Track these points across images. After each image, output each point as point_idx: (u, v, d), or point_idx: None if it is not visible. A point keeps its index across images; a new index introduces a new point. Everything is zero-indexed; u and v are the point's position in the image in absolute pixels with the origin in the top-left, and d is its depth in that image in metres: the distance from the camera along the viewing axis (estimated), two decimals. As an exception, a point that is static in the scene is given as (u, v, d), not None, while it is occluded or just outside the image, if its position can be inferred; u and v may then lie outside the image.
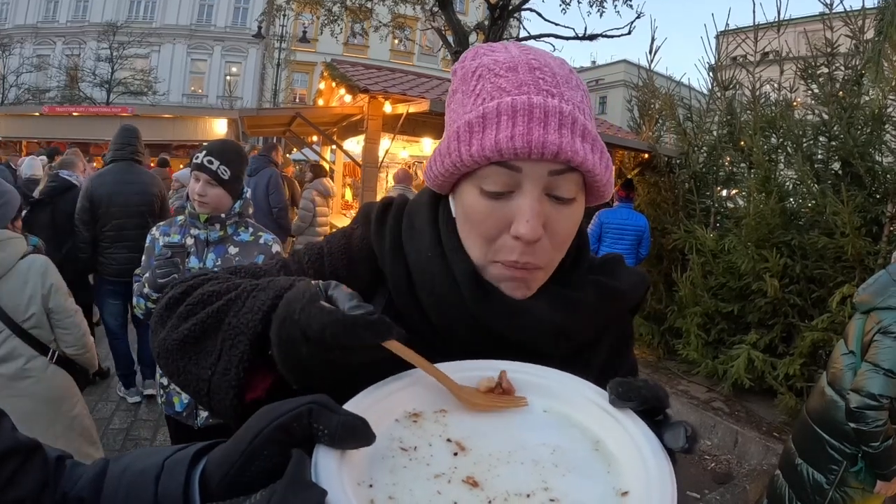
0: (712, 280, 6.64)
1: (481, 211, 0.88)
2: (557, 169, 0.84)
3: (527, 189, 0.85)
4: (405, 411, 0.70)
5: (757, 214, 6.04)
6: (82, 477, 0.66)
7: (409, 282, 0.95)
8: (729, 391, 6.12)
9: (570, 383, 0.76)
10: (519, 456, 0.65)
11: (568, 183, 0.86)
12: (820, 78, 6.36)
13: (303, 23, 29.28)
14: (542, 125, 0.82)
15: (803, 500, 3.25)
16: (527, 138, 0.81)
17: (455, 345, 0.90)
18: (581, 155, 0.83)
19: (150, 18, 35.50)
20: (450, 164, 0.88)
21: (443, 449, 0.65)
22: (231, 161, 2.95)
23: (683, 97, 8.80)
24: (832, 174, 6.12)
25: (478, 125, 0.85)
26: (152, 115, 22.76)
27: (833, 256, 5.59)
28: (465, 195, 0.90)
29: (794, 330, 5.90)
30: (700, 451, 5.51)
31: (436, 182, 0.95)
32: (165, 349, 0.87)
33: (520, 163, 0.83)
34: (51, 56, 34.24)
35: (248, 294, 0.84)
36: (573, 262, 1.01)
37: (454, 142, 0.88)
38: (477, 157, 0.84)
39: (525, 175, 0.84)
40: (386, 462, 0.62)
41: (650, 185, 8.42)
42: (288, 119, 9.93)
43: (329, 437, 0.56)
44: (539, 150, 0.81)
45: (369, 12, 13.57)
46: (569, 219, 0.90)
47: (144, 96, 32.75)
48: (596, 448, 0.67)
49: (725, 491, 4.62)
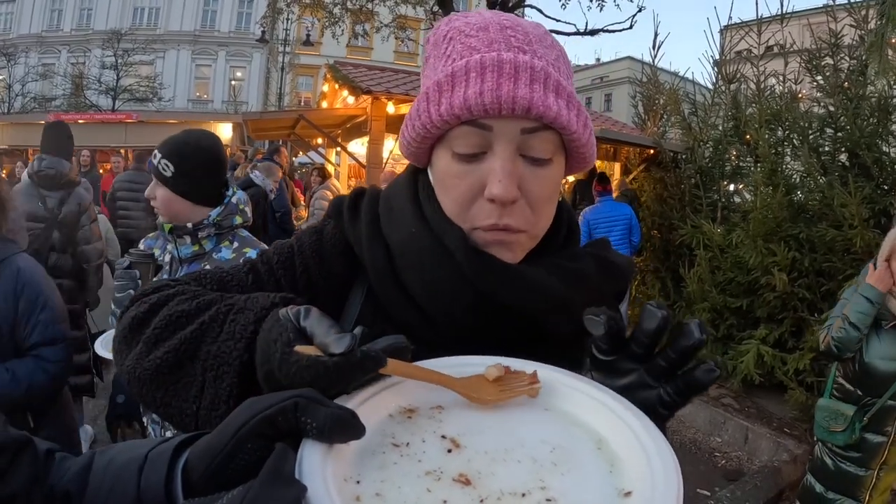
0: (720, 275, 6.60)
1: (454, 175, 0.86)
2: (530, 127, 0.82)
3: (498, 149, 0.82)
4: (399, 406, 0.68)
5: (764, 208, 6.00)
6: (69, 470, 0.65)
7: (390, 267, 0.90)
8: (738, 387, 6.09)
9: (575, 382, 0.74)
10: (516, 454, 0.63)
11: (543, 142, 0.84)
12: (825, 69, 6.33)
13: (306, 26, 29.39)
14: (513, 80, 0.80)
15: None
16: (496, 94, 0.79)
17: (445, 332, 0.88)
18: (554, 111, 0.81)
19: (154, 25, 35.79)
20: (420, 128, 0.86)
21: (436, 445, 0.63)
22: (178, 155, 2.36)
23: (688, 92, 8.78)
24: (839, 166, 6.09)
25: (447, 84, 0.83)
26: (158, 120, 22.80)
27: (841, 249, 5.55)
28: (439, 161, 0.89)
29: (803, 324, 5.85)
30: (710, 448, 5.49)
31: (409, 149, 0.93)
32: (137, 378, 0.80)
33: (490, 121, 0.81)
34: (56, 64, 34.57)
35: (224, 317, 0.79)
36: (566, 238, 0.99)
37: (423, 103, 0.86)
38: (446, 117, 0.82)
39: (496, 134, 0.82)
40: (376, 458, 0.60)
41: (656, 180, 8.40)
42: (292, 122, 9.98)
43: (317, 430, 0.55)
44: (509, 105, 0.79)
45: (371, 14, 13.57)
46: (546, 180, 0.86)
47: (150, 102, 32.99)
48: (599, 447, 0.65)
49: (736, 488, 4.58)
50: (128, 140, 18.35)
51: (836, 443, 3.41)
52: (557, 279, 0.89)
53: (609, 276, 0.98)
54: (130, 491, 0.60)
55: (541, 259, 0.92)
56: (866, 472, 3.39)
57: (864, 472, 3.39)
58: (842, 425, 3.34)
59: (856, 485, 3.42)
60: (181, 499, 0.59)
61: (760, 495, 4.53)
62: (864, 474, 3.39)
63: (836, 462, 3.46)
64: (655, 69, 9.04)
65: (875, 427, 3.33)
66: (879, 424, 3.32)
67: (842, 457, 3.44)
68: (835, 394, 3.49)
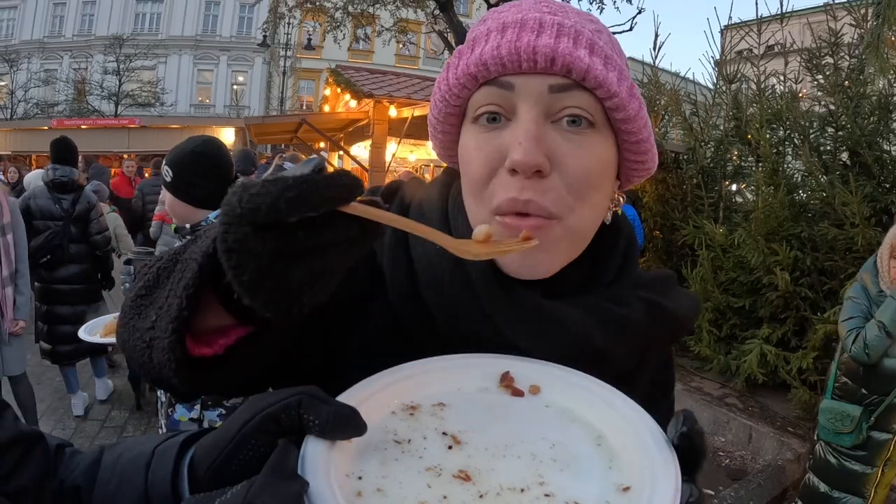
0: (722, 275, 6.59)
1: (473, 148, 0.75)
2: (558, 84, 0.70)
3: (522, 111, 0.71)
4: (402, 403, 0.69)
5: (766, 208, 5.99)
6: (79, 465, 0.67)
7: (411, 281, 0.80)
8: (742, 387, 6.07)
9: (575, 378, 0.74)
10: (516, 450, 0.63)
11: (576, 101, 0.71)
12: (825, 68, 6.32)
13: (307, 30, 29.39)
14: (535, 33, 0.70)
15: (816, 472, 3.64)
16: (514, 45, 0.69)
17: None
18: (585, 63, 0.69)
19: (155, 30, 35.81)
20: (440, 100, 0.78)
21: (437, 442, 0.64)
22: (176, 162, 2.57)
23: (689, 92, 8.76)
24: (840, 165, 6.08)
25: (467, 48, 0.75)
26: (160, 125, 22.86)
27: (843, 248, 5.55)
28: (463, 137, 0.78)
29: (806, 323, 5.84)
30: (714, 447, 5.47)
31: (436, 134, 0.84)
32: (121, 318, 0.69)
33: (511, 78, 0.71)
34: (58, 70, 34.60)
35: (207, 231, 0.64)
36: (619, 271, 0.86)
37: (443, 72, 0.78)
38: (462, 78, 0.74)
39: (518, 93, 0.71)
40: (378, 454, 0.60)
41: (658, 181, 8.37)
42: (294, 126, 9.99)
43: (319, 427, 0.55)
44: (530, 56, 0.69)
45: (372, 17, 13.59)
46: (586, 150, 0.72)
47: (152, 107, 33.03)
48: (598, 443, 0.66)
49: (740, 487, 4.57)
50: (131, 145, 18.39)
51: (844, 444, 3.41)
52: (596, 326, 0.77)
53: (662, 327, 0.85)
54: (138, 486, 0.61)
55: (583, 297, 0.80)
56: (871, 469, 3.40)
57: (871, 470, 3.40)
58: (849, 427, 3.34)
59: (860, 482, 3.43)
60: (187, 494, 0.60)
61: (764, 494, 4.52)
62: (871, 472, 3.40)
63: (841, 461, 3.46)
64: (656, 70, 9.02)
65: (880, 425, 3.35)
66: (885, 422, 3.34)
67: (847, 456, 3.45)
68: (836, 393, 3.50)
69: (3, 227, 4.05)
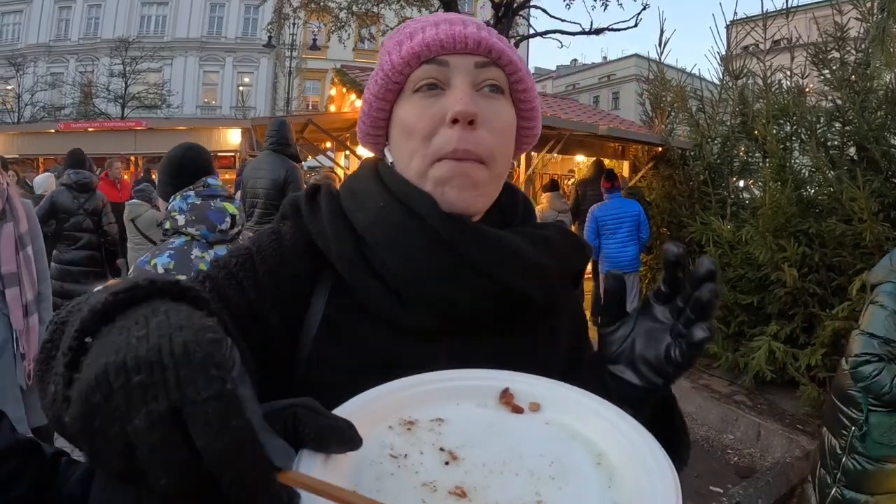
0: (730, 272, 6.57)
1: (417, 111, 0.91)
2: (482, 61, 0.91)
3: (456, 80, 0.90)
4: (400, 418, 0.69)
5: (773, 204, 5.97)
6: (73, 474, 0.67)
7: (360, 251, 0.89)
8: (750, 384, 6.06)
9: (577, 395, 0.74)
10: (514, 467, 0.63)
11: (493, 75, 0.92)
12: (832, 63, 6.30)
13: (312, 30, 29.43)
14: (463, 25, 0.92)
15: (825, 468, 3.38)
16: (450, 32, 0.90)
17: (423, 315, 0.87)
18: (500, 46, 0.91)
19: (161, 33, 35.92)
20: (382, 78, 0.93)
21: (434, 458, 0.63)
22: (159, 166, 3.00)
23: (695, 89, 8.75)
24: (847, 160, 6.06)
25: (406, 38, 0.93)
26: (167, 127, 22.93)
27: (852, 243, 5.52)
28: (401, 110, 0.94)
29: (814, 319, 5.82)
30: (722, 445, 5.47)
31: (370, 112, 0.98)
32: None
33: (446, 56, 0.90)
34: (64, 73, 34.71)
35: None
36: (523, 217, 1.04)
37: (385, 57, 0.94)
38: (408, 57, 0.90)
39: (453, 68, 0.90)
40: (373, 468, 0.60)
41: (664, 178, 8.38)
42: (300, 126, 9.96)
43: (314, 440, 0.55)
44: (462, 40, 0.89)
45: (376, 17, 13.60)
46: (501, 110, 0.93)
47: (158, 109, 33.12)
48: (598, 462, 0.65)
49: (749, 485, 4.56)
50: (137, 147, 18.47)
51: None
52: (531, 246, 0.92)
53: (573, 246, 1.02)
54: (130, 496, 0.61)
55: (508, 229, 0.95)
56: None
57: None
58: None
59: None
60: None
61: (773, 492, 4.51)
62: None
63: (879, 466, 3.15)
64: (662, 66, 9.01)
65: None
66: None
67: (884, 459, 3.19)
68: (872, 403, 3.27)
69: (21, 238, 3.23)
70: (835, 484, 3.28)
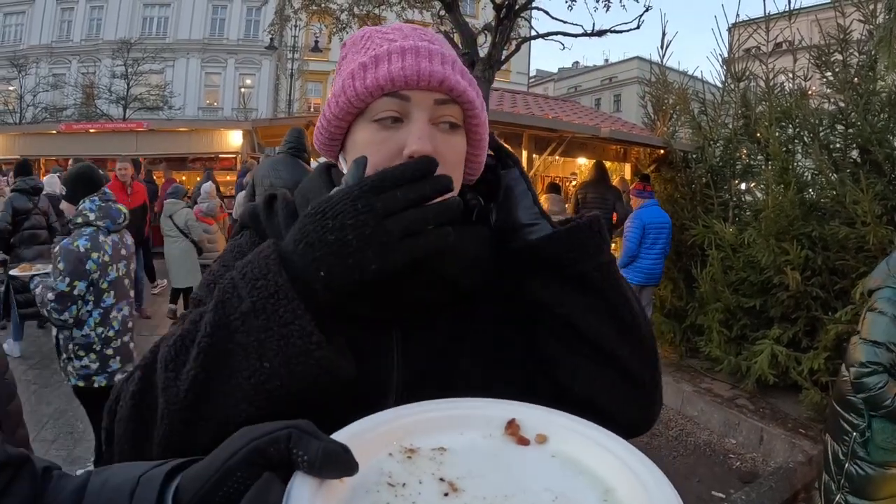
0: (733, 275, 6.57)
1: (375, 141, 0.94)
2: (441, 98, 0.94)
3: (416, 116, 0.93)
4: (400, 446, 0.67)
5: (776, 207, 5.96)
6: (65, 489, 0.65)
7: None
8: (753, 388, 6.05)
9: (585, 429, 0.72)
10: (516, 500, 0.61)
11: (451, 112, 0.96)
12: (834, 65, 6.28)
13: (314, 32, 29.48)
14: (429, 60, 0.93)
15: (829, 474, 3.38)
16: (415, 68, 0.91)
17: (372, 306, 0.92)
18: (462, 86, 0.94)
19: (163, 34, 35.99)
20: (345, 102, 0.95)
21: (433, 488, 0.61)
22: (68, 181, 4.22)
23: (697, 91, 8.74)
24: (851, 163, 6.05)
25: (371, 64, 0.94)
26: (169, 129, 22.90)
27: (855, 246, 5.51)
28: (358, 134, 0.98)
29: (817, 323, 5.81)
30: (725, 449, 5.45)
31: (327, 131, 1.01)
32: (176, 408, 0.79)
33: (409, 92, 0.93)
34: (66, 75, 34.76)
35: None
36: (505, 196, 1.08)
37: (349, 80, 0.95)
38: (371, 88, 0.92)
39: (414, 104, 0.93)
40: (369, 496, 0.58)
41: (666, 180, 8.38)
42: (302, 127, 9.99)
43: (308, 464, 0.54)
44: (426, 78, 0.91)
45: (378, 19, 13.63)
46: (457, 145, 0.98)
47: (160, 111, 33.12)
48: (605, 499, 0.63)
49: (751, 490, 4.54)
50: (139, 148, 18.39)
51: None
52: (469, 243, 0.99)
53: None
54: None
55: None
56: None
57: None
58: None
59: None
60: None
61: (776, 497, 4.48)
62: None
63: (882, 471, 3.19)
64: (664, 69, 9.01)
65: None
66: None
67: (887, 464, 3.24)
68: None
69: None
70: (839, 490, 3.28)
